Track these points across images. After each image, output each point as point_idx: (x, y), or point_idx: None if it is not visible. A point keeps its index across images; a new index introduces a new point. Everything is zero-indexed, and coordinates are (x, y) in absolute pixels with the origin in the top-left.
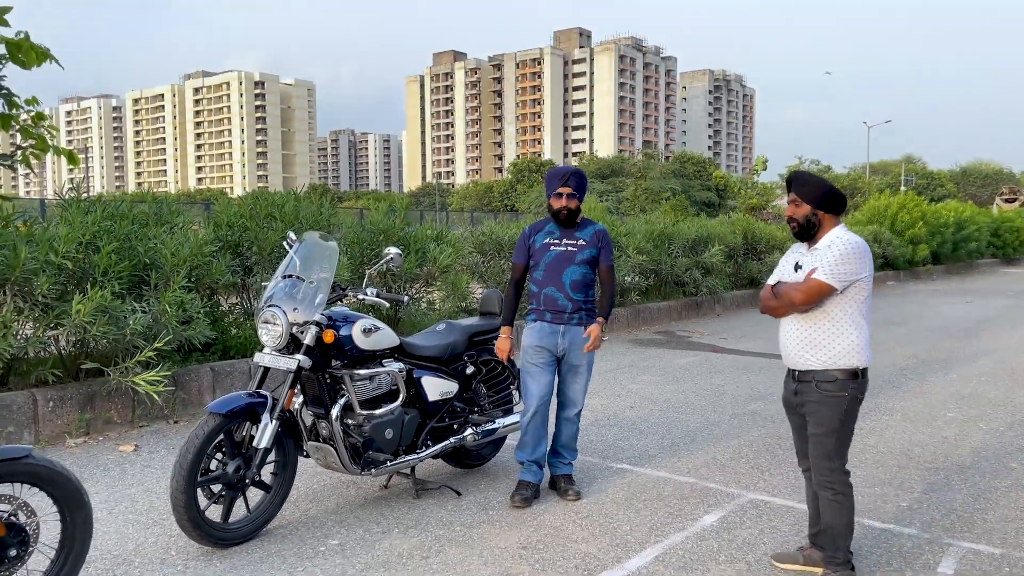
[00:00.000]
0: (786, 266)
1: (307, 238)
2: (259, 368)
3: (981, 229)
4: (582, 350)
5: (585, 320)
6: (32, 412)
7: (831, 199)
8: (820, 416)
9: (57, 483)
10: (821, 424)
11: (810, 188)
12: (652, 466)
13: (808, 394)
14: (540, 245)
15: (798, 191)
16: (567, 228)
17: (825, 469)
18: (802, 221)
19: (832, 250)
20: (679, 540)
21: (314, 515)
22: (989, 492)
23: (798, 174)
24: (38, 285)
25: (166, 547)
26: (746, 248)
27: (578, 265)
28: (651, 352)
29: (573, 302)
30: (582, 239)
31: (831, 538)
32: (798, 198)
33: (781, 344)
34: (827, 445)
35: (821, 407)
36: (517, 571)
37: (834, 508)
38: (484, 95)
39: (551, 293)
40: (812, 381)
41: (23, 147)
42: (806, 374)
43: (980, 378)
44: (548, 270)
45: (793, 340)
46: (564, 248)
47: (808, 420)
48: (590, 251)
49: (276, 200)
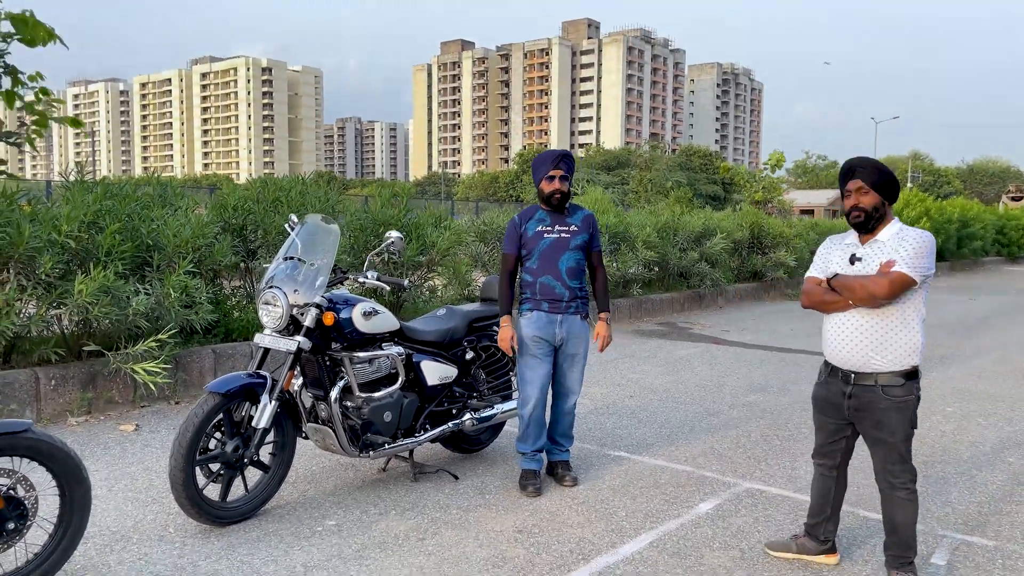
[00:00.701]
0: (836, 259)
1: (309, 221)
2: (259, 349)
3: (986, 227)
4: (580, 339)
5: (581, 308)
6: (34, 390)
7: (895, 186)
8: (892, 424)
9: (56, 458)
10: (894, 432)
11: (880, 175)
12: (649, 454)
13: (871, 400)
14: (533, 233)
15: (867, 178)
16: (558, 214)
17: (900, 471)
18: (870, 210)
19: (908, 243)
20: (674, 527)
21: (312, 496)
22: (985, 486)
23: (864, 159)
24: (41, 264)
25: (164, 524)
26: (751, 242)
27: (572, 251)
28: (652, 343)
29: (570, 290)
30: (574, 224)
31: (903, 539)
32: (866, 185)
33: (833, 344)
34: (901, 449)
35: (892, 414)
36: (512, 554)
37: (908, 507)
38: (491, 85)
39: (547, 282)
40: (875, 385)
41: (27, 125)
42: (866, 377)
43: (980, 374)
44: (543, 258)
45: (854, 340)
46: (558, 235)
47: (871, 427)
48: (583, 236)
49: (283, 185)
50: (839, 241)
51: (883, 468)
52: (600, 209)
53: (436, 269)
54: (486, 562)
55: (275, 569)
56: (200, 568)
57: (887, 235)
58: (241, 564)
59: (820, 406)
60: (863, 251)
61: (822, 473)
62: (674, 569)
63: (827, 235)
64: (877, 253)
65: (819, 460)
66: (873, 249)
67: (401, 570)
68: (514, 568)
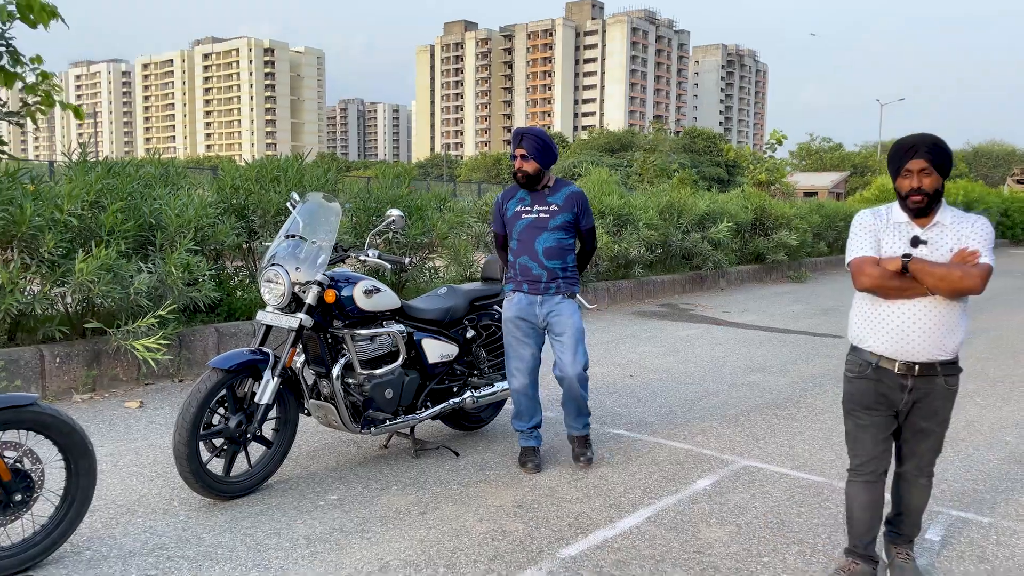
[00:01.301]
0: (890, 240)
1: (310, 199)
2: (261, 326)
3: (990, 209)
4: (563, 318)
5: (563, 288)
6: (39, 367)
7: (951, 169)
8: (942, 412)
9: (62, 431)
10: (945, 420)
11: (943, 156)
12: (648, 432)
13: (930, 390)
14: (512, 214)
15: (930, 157)
16: (538, 193)
17: (933, 459)
18: (932, 194)
19: (979, 229)
20: (672, 502)
21: (314, 471)
22: (981, 464)
23: (925, 136)
24: (44, 242)
25: (169, 498)
26: (754, 224)
27: (551, 232)
28: (653, 324)
29: (548, 271)
30: (554, 204)
31: (914, 520)
32: (930, 166)
33: (900, 335)
34: (943, 438)
35: (944, 402)
36: (511, 528)
37: (926, 493)
38: (494, 66)
39: (525, 263)
40: (938, 375)
41: (29, 103)
42: (930, 367)
43: (979, 356)
44: (521, 239)
45: (929, 330)
46: (536, 215)
47: (924, 416)
48: (564, 216)
49: (281, 164)
50: (883, 218)
51: (918, 456)
52: (605, 191)
53: (438, 250)
54: (486, 536)
55: (278, 542)
56: (204, 540)
57: (947, 218)
58: (245, 536)
59: (868, 403)
60: (927, 235)
61: (871, 481)
62: (671, 543)
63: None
64: (942, 237)
65: (867, 468)
66: (935, 232)
67: (402, 543)
68: (513, 542)
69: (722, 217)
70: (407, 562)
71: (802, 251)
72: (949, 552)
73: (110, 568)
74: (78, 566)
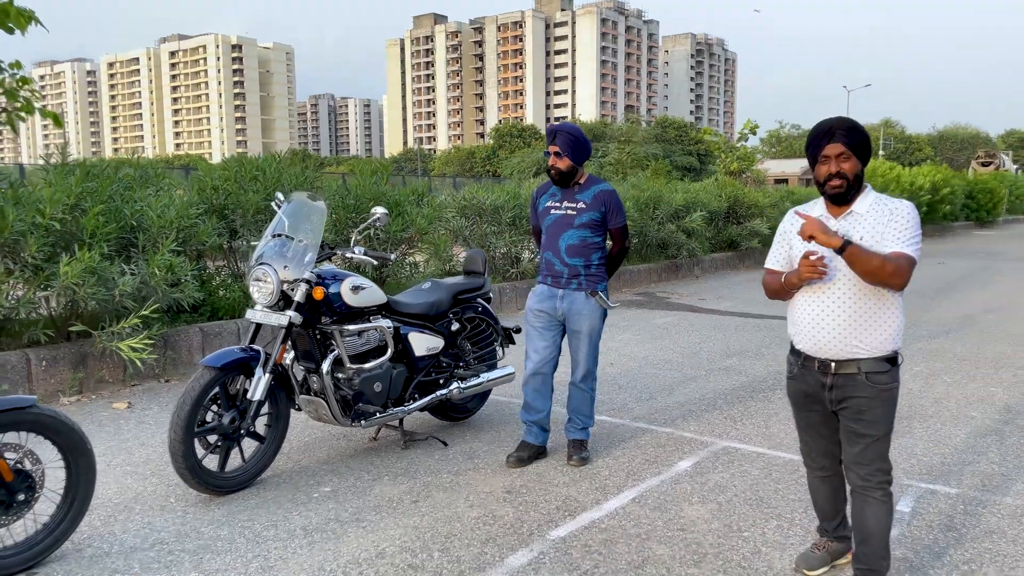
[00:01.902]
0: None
1: (295, 198)
2: (251, 324)
3: (955, 192)
4: (581, 316)
5: (585, 285)
6: (26, 371)
7: (870, 152)
8: (876, 413)
9: (61, 432)
10: (877, 425)
11: (860, 139)
12: (630, 417)
13: (855, 389)
14: (542, 208)
15: (847, 141)
16: (568, 189)
17: (878, 471)
18: (852, 179)
19: (901, 218)
20: (655, 484)
21: (306, 465)
22: (949, 439)
23: (843, 120)
24: (27, 247)
25: (165, 495)
26: (727, 212)
27: (577, 229)
28: (631, 312)
29: (569, 267)
30: (582, 201)
31: (876, 549)
32: (848, 150)
33: (807, 330)
34: (883, 445)
35: (876, 403)
36: (501, 512)
37: (881, 511)
38: (465, 59)
39: (549, 258)
40: (859, 373)
41: (7, 110)
42: (848, 364)
43: (947, 335)
44: (548, 234)
45: (833, 326)
46: (564, 212)
47: (851, 418)
48: (591, 214)
49: (259, 164)
50: (806, 212)
51: (858, 464)
52: None
53: (417, 245)
54: (477, 521)
55: (276, 533)
56: (203, 534)
57: (864, 206)
58: (243, 529)
59: (800, 402)
60: (838, 224)
61: (825, 477)
62: (655, 522)
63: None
64: (855, 226)
65: (817, 463)
66: (849, 222)
67: (396, 530)
68: (504, 525)
69: (696, 207)
70: (403, 548)
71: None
72: (919, 522)
73: (113, 563)
74: (81, 563)
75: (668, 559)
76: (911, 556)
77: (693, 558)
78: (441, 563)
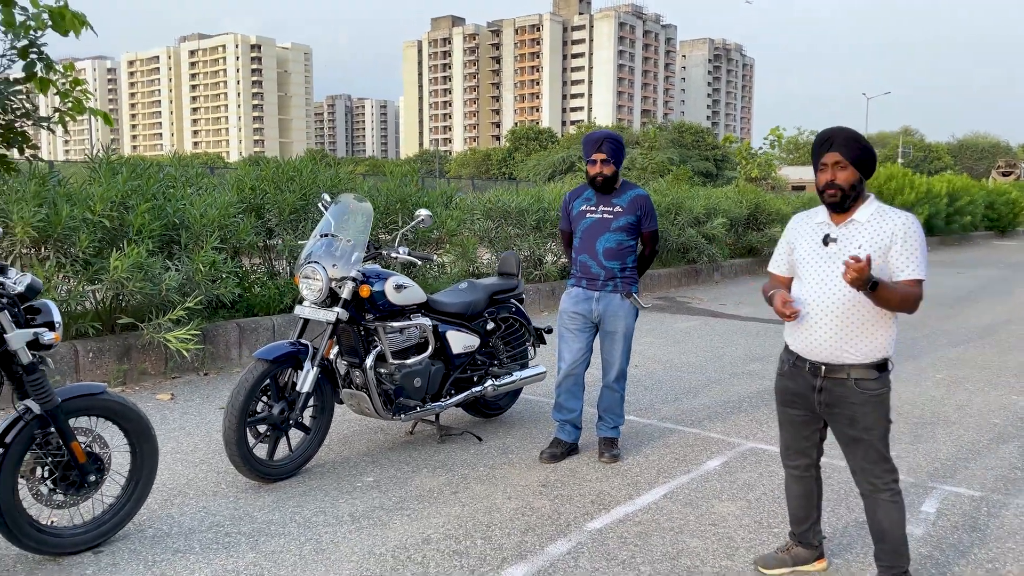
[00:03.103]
0: (805, 240)
1: (342, 199)
2: (299, 320)
3: (975, 201)
4: (616, 318)
5: (620, 288)
6: (74, 362)
7: (874, 162)
8: (867, 419)
9: (129, 417)
10: (870, 428)
11: (857, 149)
12: (657, 418)
13: (843, 394)
14: (577, 212)
15: (844, 151)
16: (604, 194)
17: (881, 471)
18: (847, 189)
19: (907, 239)
20: (685, 481)
21: (348, 456)
22: (972, 444)
23: (842, 130)
24: (78, 242)
25: (216, 482)
26: (748, 219)
27: (613, 232)
28: (652, 316)
29: (606, 270)
30: (619, 206)
31: (893, 546)
32: (844, 159)
33: (799, 332)
34: (880, 447)
35: (867, 409)
36: (538, 505)
37: (893, 510)
38: (482, 61)
39: (585, 260)
40: (848, 379)
41: (60, 110)
42: (838, 369)
43: (968, 344)
44: (583, 237)
45: (825, 330)
46: (600, 215)
47: (846, 425)
48: (627, 218)
49: (296, 165)
50: (808, 219)
51: (862, 469)
52: None
53: (445, 246)
54: (516, 512)
55: (324, 519)
56: (256, 518)
57: (864, 215)
58: (293, 514)
59: (786, 399)
60: (838, 232)
61: (798, 476)
62: (687, 517)
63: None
64: (854, 235)
65: (792, 461)
66: (849, 230)
67: (439, 518)
68: (542, 516)
69: (717, 213)
70: (447, 535)
71: None
72: (943, 522)
73: (174, 543)
74: (143, 542)
75: (702, 551)
76: (937, 554)
77: (726, 551)
78: (484, 550)
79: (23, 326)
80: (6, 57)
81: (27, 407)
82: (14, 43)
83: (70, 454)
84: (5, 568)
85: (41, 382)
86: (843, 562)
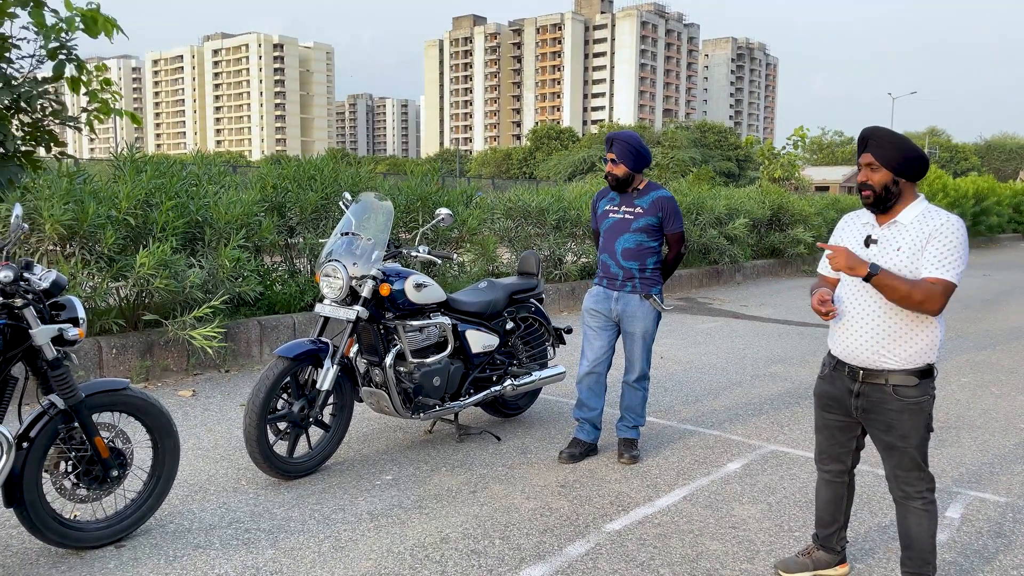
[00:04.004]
0: (849, 239)
1: (363, 198)
2: (320, 318)
3: (1002, 203)
4: (634, 318)
5: (640, 288)
6: (98, 358)
7: (916, 165)
8: (904, 427)
9: (151, 413)
10: (907, 436)
11: (891, 150)
12: (677, 419)
13: (881, 400)
14: (601, 212)
15: (877, 152)
16: (627, 194)
17: (915, 479)
18: (879, 190)
19: (943, 238)
20: (705, 483)
21: (366, 454)
22: (997, 449)
23: (876, 130)
24: (104, 239)
25: (236, 478)
26: (770, 220)
27: (633, 233)
28: (674, 317)
29: (624, 270)
30: (640, 207)
31: (921, 554)
32: (876, 161)
33: (840, 335)
34: (915, 456)
35: (904, 416)
36: (557, 505)
37: (924, 519)
38: (503, 60)
39: (605, 260)
40: (886, 384)
41: (88, 110)
42: (876, 374)
43: (995, 347)
44: (605, 237)
45: (864, 334)
46: (621, 216)
47: (882, 431)
48: (648, 219)
49: (317, 164)
50: (856, 219)
51: (895, 475)
52: None
53: (464, 245)
54: (534, 512)
55: (344, 516)
56: (276, 515)
57: (909, 217)
58: (312, 511)
59: (824, 403)
60: (880, 232)
61: (830, 480)
62: (707, 519)
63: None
64: (896, 236)
65: (825, 466)
66: (892, 231)
67: (458, 518)
68: (560, 517)
69: (739, 213)
70: (465, 534)
71: None
72: (968, 528)
73: (195, 539)
74: (165, 537)
75: (721, 554)
76: (961, 560)
77: (746, 554)
78: (503, 550)
79: (48, 322)
80: (35, 57)
81: (51, 402)
82: (44, 44)
83: (93, 449)
84: (29, 561)
85: (65, 377)
86: (865, 567)
